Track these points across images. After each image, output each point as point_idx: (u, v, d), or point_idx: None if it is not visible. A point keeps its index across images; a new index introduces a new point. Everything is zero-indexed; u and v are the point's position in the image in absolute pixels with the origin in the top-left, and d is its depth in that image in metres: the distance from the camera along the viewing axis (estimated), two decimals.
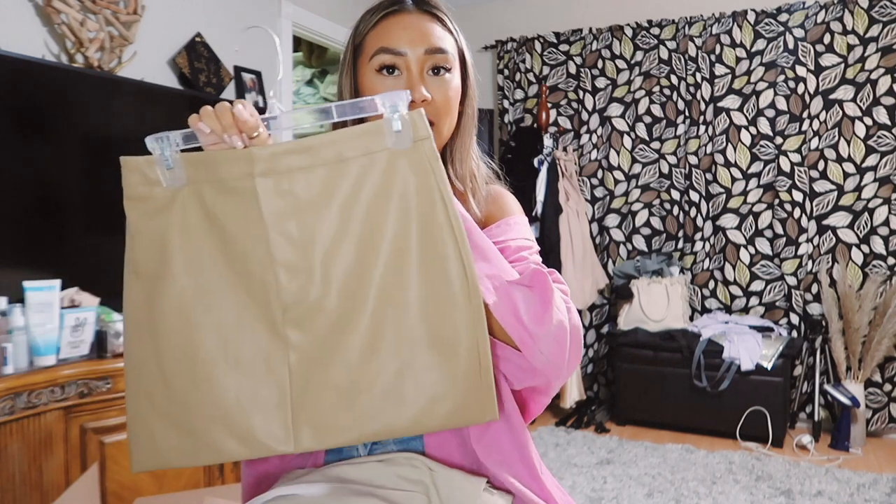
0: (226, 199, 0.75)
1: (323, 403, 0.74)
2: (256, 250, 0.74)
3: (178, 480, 1.96)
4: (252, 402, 0.75)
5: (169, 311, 0.76)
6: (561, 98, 3.97)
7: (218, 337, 0.76)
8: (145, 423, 0.77)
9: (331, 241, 0.74)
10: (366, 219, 0.74)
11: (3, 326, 1.68)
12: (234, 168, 0.75)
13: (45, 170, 2.00)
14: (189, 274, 0.76)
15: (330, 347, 0.74)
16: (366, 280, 0.74)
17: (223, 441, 0.75)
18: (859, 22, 3.31)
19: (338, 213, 0.74)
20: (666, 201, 3.78)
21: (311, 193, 0.74)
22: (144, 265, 0.77)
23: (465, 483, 0.85)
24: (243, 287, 0.75)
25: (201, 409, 0.75)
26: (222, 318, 0.76)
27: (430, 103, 0.89)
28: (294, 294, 0.74)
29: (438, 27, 0.92)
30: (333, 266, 0.74)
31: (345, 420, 0.75)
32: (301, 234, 0.74)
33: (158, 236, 0.76)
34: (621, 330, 3.58)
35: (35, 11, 2.14)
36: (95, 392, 1.78)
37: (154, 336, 0.76)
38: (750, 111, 3.54)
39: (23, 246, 1.94)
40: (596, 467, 2.93)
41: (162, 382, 0.76)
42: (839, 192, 3.39)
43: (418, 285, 0.74)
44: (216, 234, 0.76)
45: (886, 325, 3.14)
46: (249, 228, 0.75)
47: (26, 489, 1.63)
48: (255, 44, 3.06)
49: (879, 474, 2.81)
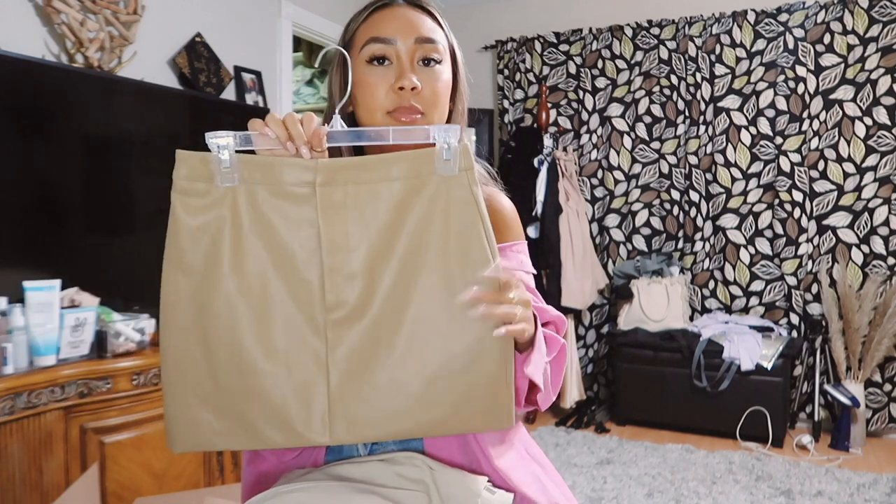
0: (280, 203, 0.79)
1: (358, 400, 0.79)
2: (305, 254, 0.79)
3: (178, 480, 1.96)
4: (293, 395, 0.79)
5: (215, 305, 0.79)
6: (561, 98, 3.97)
7: (264, 332, 0.79)
8: (186, 408, 0.80)
9: (378, 252, 0.79)
10: (412, 234, 0.79)
11: (3, 326, 1.68)
12: (295, 174, 0.79)
13: (45, 170, 2.00)
14: (238, 270, 0.79)
15: (368, 350, 0.79)
16: (407, 290, 0.79)
17: (264, 429, 0.80)
18: (859, 22, 3.31)
19: (386, 227, 0.79)
20: (666, 201, 3.78)
21: (364, 206, 0.79)
22: (191, 259, 0.79)
23: (465, 482, 0.85)
24: (290, 287, 0.79)
25: (245, 399, 0.79)
26: (269, 314, 0.80)
27: (420, 93, 0.89)
28: (338, 297, 0.79)
29: (428, 19, 0.93)
30: (378, 275, 0.79)
31: (377, 417, 0.79)
32: (351, 242, 0.79)
33: (207, 232, 0.79)
34: (621, 330, 3.58)
35: (35, 11, 2.14)
36: (95, 392, 1.78)
37: (201, 328, 0.80)
38: (750, 111, 3.54)
39: (23, 246, 1.94)
40: (596, 467, 2.93)
41: (207, 372, 0.80)
42: (839, 192, 3.40)
43: (456, 299, 0.79)
44: (267, 234, 0.79)
45: (886, 325, 3.15)
46: (302, 233, 0.79)
47: (26, 489, 1.63)
48: (255, 44, 3.06)
49: (879, 474, 2.81)
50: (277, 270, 0.79)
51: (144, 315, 2.02)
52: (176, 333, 0.80)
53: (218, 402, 0.80)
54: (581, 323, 3.91)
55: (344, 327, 0.79)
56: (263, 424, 0.79)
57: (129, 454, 1.84)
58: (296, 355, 0.79)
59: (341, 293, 0.79)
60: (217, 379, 0.80)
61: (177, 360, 0.80)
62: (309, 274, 0.79)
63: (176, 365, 0.80)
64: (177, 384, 0.81)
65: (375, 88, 0.89)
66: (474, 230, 0.79)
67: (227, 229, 0.79)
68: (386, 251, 0.79)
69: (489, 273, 0.78)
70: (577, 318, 3.90)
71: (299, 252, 0.79)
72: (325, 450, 0.94)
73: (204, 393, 0.80)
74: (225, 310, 0.79)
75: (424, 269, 0.79)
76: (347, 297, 0.79)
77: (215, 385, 0.80)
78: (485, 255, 0.79)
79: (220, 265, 0.79)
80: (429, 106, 0.91)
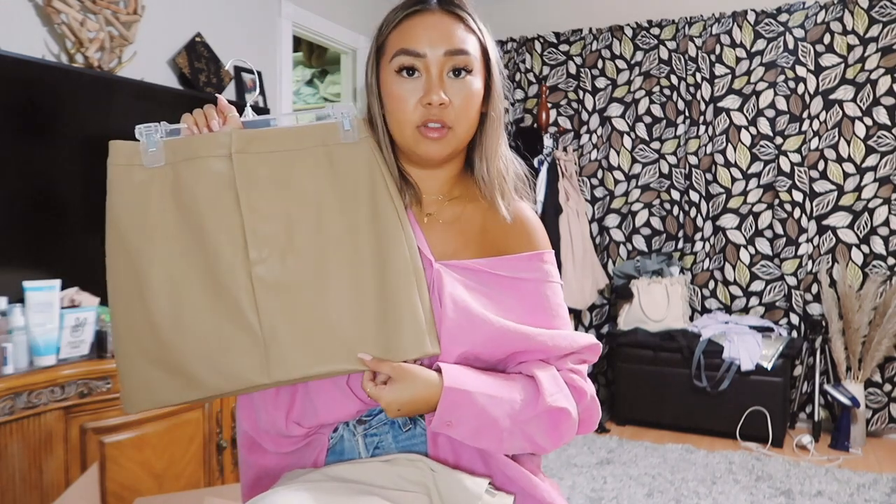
0: (200, 171, 0.88)
1: (290, 342, 0.86)
2: (227, 213, 0.87)
3: (178, 480, 1.96)
4: (230, 344, 0.87)
5: (152, 271, 0.88)
6: (561, 98, 3.97)
7: (196, 290, 0.88)
8: (138, 370, 0.89)
9: (294, 208, 0.88)
10: (323, 195, 0.89)
11: (3, 326, 1.68)
12: (212, 146, 0.89)
13: (45, 170, 2.00)
14: (167, 238, 0.88)
15: (292, 296, 0.87)
16: (323, 244, 0.88)
17: (209, 377, 0.87)
18: (859, 22, 3.31)
19: (300, 188, 0.89)
20: (666, 201, 3.78)
21: (278, 170, 0.89)
22: (126, 232, 0.88)
23: (466, 484, 0.85)
24: (216, 247, 0.87)
25: (188, 352, 0.87)
26: (201, 274, 0.88)
27: (448, 106, 0.88)
28: (259, 252, 0.87)
29: (461, 28, 0.91)
30: (296, 232, 0.88)
31: (305, 357, 0.86)
32: (268, 202, 0.88)
33: (138, 206, 0.89)
34: (621, 330, 3.58)
35: (35, 11, 2.14)
36: (95, 392, 1.78)
37: (140, 294, 0.88)
38: (750, 111, 3.54)
39: (23, 246, 1.93)
40: (596, 467, 2.93)
41: (150, 332, 0.88)
42: (839, 192, 3.39)
43: (367, 247, 0.88)
44: (190, 201, 0.88)
45: (886, 325, 3.14)
46: (221, 194, 0.88)
47: (26, 489, 1.63)
48: (256, 44, 3.06)
49: (879, 474, 2.81)
50: (204, 233, 0.87)
51: None
52: (120, 300, 0.89)
53: (163, 358, 0.88)
54: (581, 323, 3.91)
55: (268, 280, 0.87)
56: (207, 373, 0.87)
57: (129, 454, 1.84)
58: (226, 307, 0.87)
59: (262, 249, 0.87)
60: (159, 337, 0.87)
61: (124, 326, 0.89)
62: (234, 235, 0.87)
63: (124, 331, 0.89)
64: (126, 348, 0.89)
65: (405, 102, 0.89)
66: (379, 187, 0.89)
67: (154, 203, 0.89)
68: (300, 209, 0.88)
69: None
70: (577, 319, 3.90)
71: (223, 217, 0.87)
72: (325, 450, 0.94)
73: (150, 351, 0.88)
74: (159, 276, 0.88)
75: (337, 228, 0.88)
76: (268, 252, 0.87)
77: (158, 343, 0.87)
78: (392, 213, 0.89)
79: (153, 236, 0.88)
80: (457, 118, 0.90)
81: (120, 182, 0.90)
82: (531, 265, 0.95)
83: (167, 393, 0.88)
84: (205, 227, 0.87)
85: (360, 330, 0.87)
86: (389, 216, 0.89)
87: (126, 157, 0.90)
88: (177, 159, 0.89)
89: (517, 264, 0.94)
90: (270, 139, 0.90)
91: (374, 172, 0.90)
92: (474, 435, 0.85)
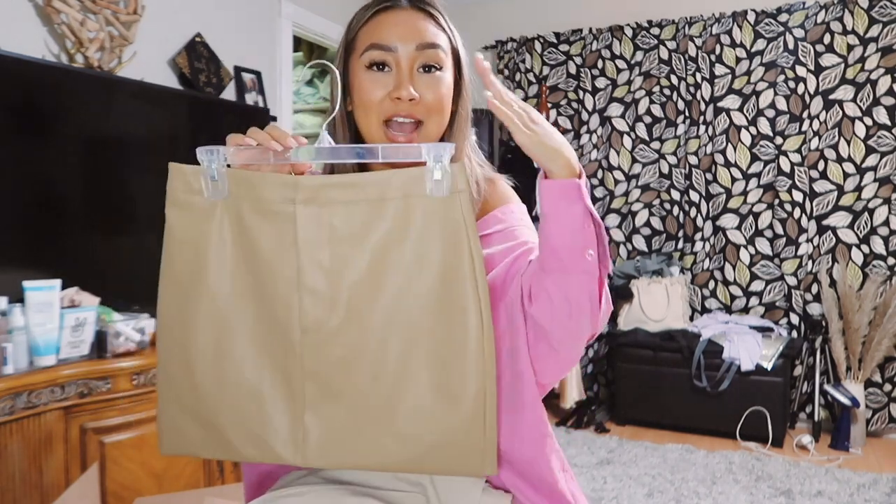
0: (263, 220, 0.79)
1: (331, 425, 0.79)
2: (285, 272, 0.78)
3: (178, 480, 1.96)
4: (268, 412, 0.80)
5: (199, 317, 0.81)
6: (561, 98, 3.97)
7: (241, 348, 0.80)
8: (173, 416, 0.83)
9: (358, 276, 0.77)
10: (396, 259, 0.77)
11: (3, 326, 1.68)
12: (277, 192, 0.78)
13: (45, 170, 2.00)
14: (220, 284, 0.81)
15: (342, 377, 0.78)
16: (386, 318, 0.77)
17: (241, 444, 0.81)
18: (859, 22, 3.31)
19: (370, 249, 0.77)
20: (666, 201, 3.78)
21: (347, 227, 0.77)
22: (179, 269, 0.81)
23: (463, 483, 0.85)
24: (268, 304, 0.79)
25: (224, 412, 0.81)
26: (247, 330, 0.80)
27: (418, 102, 0.88)
28: (315, 319, 0.78)
29: (431, 24, 0.91)
30: (357, 299, 0.77)
31: (349, 446, 0.79)
32: (332, 264, 0.78)
33: (195, 245, 0.81)
34: (621, 330, 3.58)
35: (35, 11, 2.14)
36: (95, 392, 1.78)
37: (184, 339, 0.82)
38: (750, 111, 3.54)
39: (23, 246, 1.93)
40: (596, 467, 2.93)
41: (190, 383, 0.82)
42: (839, 192, 3.39)
43: (435, 330, 0.76)
44: (249, 250, 0.80)
45: (886, 325, 3.14)
46: (282, 251, 0.78)
47: (26, 489, 1.63)
48: (256, 44, 3.06)
49: (879, 474, 2.80)
50: (257, 287, 0.79)
51: (144, 315, 2.02)
52: (166, 342, 0.83)
53: (198, 413, 0.82)
54: None
55: (319, 350, 0.78)
56: (239, 438, 0.81)
57: (129, 454, 1.84)
58: (271, 373, 0.79)
59: (318, 317, 0.78)
60: (197, 390, 0.81)
61: (166, 369, 0.83)
62: (289, 295, 0.78)
63: (165, 373, 0.83)
64: (165, 391, 0.83)
65: (373, 95, 0.88)
66: (463, 261, 0.75)
67: (212, 244, 0.80)
68: (366, 277, 0.77)
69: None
70: None
71: (280, 271, 0.79)
72: None
73: (186, 402, 0.82)
74: (205, 324, 0.80)
75: (404, 300, 0.76)
76: (324, 319, 0.78)
77: (196, 396, 0.81)
78: (472, 292, 0.75)
79: (204, 279, 0.80)
80: (427, 114, 0.89)
81: (179, 209, 0.81)
82: (503, 218, 0.95)
83: (197, 447, 0.83)
84: (262, 278, 0.79)
85: (415, 426, 0.76)
86: (468, 302, 0.75)
87: (186, 182, 0.81)
88: (240, 194, 0.79)
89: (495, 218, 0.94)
90: (346, 187, 0.77)
91: (458, 242, 0.75)
92: (571, 233, 0.76)
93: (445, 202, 0.76)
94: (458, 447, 0.76)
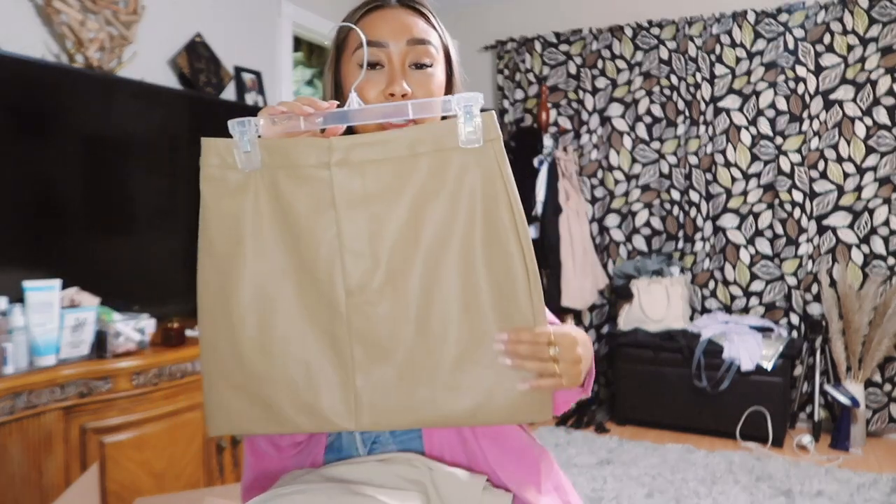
0: (299, 185, 0.78)
1: (383, 387, 0.78)
2: (326, 235, 0.78)
3: (178, 480, 1.96)
4: (319, 380, 0.79)
5: (241, 290, 0.80)
6: (561, 98, 3.97)
7: (287, 318, 0.79)
8: (220, 394, 0.81)
9: (398, 232, 0.77)
10: (434, 213, 0.77)
11: (3, 326, 1.68)
12: (310, 156, 0.78)
13: (45, 170, 2.00)
14: (260, 255, 0.79)
15: (389, 336, 0.77)
16: (428, 273, 0.77)
17: (292, 414, 0.79)
18: (859, 22, 3.31)
19: (407, 205, 0.77)
20: (666, 201, 3.78)
21: (382, 185, 0.77)
22: (218, 246, 0.80)
23: (464, 482, 0.85)
24: (310, 270, 0.79)
25: (272, 384, 0.79)
26: (291, 300, 0.79)
27: (411, 97, 0.88)
28: (359, 279, 0.77)
29: (421, 21, 0.92)
30: (398, 256, 0.77)
31: (403, 404, 0.78)
32: (371, 223, 0.77)
33: (232, 217, 0.80)
34: (621, 330, 3.58)
35: (35, 11, 2.14)
36: (95, 392, 1.78)
37: (227, 314, 0.80)
38: (750, 111, 3.54)
39: (23, 246, 1.93)
40: (596, 467, 2.93)
41: (235, 357, 0.80)
42: (839, 192, 3.39)
43: (483, 280, 0.76)
44: (287, 217, 0.79)
45: (886, 325, 3.14)
46: (320, 215, 0.78)
47: (26, 489, 1.63)
48: (256, 44, 3.06)
49: (879, 474, 2.80)
50: (297, 255, 0.79)
51: (144, 315, 2.02)
52: (208, 320, 0.81)
53: (247, 389, 0.80)
54: (581, 323, 3.91)
55: (365, 311, 0.78)
56: (291, 410, 0.79)
57: (129, 454, 1.84)
58: (318, 340, 0.79)
59: (361, 277, 0.77)
60: (244, 366, 0.80)
61: (210, 347, 0.81)
62: (331, 257, 0.78)
63: (209, 351, 0.81)
64: (211, 370, 0.81)
65: (366, 93, 0.88)
66: (501, 208, 0.76)
67: (248, 217, 0.80)
68: (406, 233, 0.77)
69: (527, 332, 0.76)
70: (577, 319, 3.90)
71: (321, 236, 0.78)
72: (324, 450, 0.94)
73: (234, 379, 0.81)
74: (248, 298, 0.80)
75: (448, 252, 0.76)
76: (368, 279, 0.77)
77: (243, 371, 0.80)
78: (514, 237, 0.76)
79: (243, 252, 0.80)
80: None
81: (213, 184, 0.80)
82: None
83: (247, 423, 0.81)
84: (302, 244, 0.78)
85: (465, 377, 0.77)
86: (512, 248, 0.75)
87: (219, 156, 0.80)
88: (274, 163, 0.79)
89: None
90: (376, 145, 0.77)
91: (496, 190, 0.76)
92: (588, 371, 0.87)
93: (479, 151, 0.76)
94: (512, 396, 0.77)
